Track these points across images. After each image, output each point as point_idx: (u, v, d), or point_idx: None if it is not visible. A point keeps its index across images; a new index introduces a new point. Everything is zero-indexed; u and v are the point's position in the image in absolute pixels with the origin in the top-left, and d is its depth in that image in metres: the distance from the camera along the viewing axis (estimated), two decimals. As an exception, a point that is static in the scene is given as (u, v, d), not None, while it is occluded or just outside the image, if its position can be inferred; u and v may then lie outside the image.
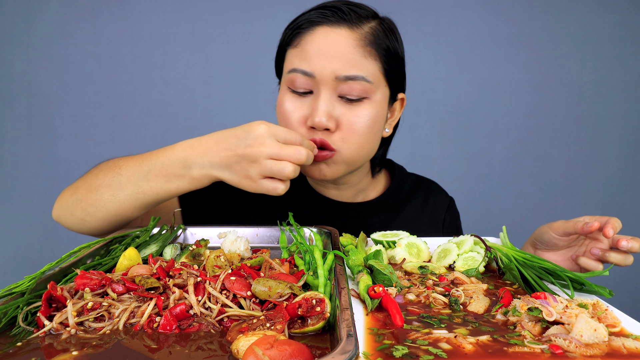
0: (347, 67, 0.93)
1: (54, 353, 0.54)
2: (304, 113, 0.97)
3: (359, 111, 0.96)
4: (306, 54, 0.95)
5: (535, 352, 0.52)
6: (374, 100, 0.98)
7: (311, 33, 0.96)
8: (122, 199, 0.91)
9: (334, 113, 0.95)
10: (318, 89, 0.95)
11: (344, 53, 0.93)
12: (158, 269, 0.72)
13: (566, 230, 0.89)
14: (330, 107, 0.95)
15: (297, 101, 0.98)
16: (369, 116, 0.97)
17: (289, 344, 0.49)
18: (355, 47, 0.94)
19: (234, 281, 0.66)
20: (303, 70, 0.95)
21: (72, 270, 0.74)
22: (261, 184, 0.84)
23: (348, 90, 0.94)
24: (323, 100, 0.94)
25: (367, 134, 0.99)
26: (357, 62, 0.94)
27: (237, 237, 0.88)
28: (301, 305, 0.59)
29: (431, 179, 1.35)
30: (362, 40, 0.95)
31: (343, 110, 0.96)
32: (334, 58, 0.93)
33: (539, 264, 0.77)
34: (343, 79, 0.94)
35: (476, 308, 0.66)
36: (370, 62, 0.96)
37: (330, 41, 0.94)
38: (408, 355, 0.51)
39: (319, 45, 0.95)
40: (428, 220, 1.24)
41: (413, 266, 0.84)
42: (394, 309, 0.62)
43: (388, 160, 1.32)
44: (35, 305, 0.63)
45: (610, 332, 0.58)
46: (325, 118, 0.94)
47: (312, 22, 0.97)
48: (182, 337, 0.58)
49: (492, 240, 0.94)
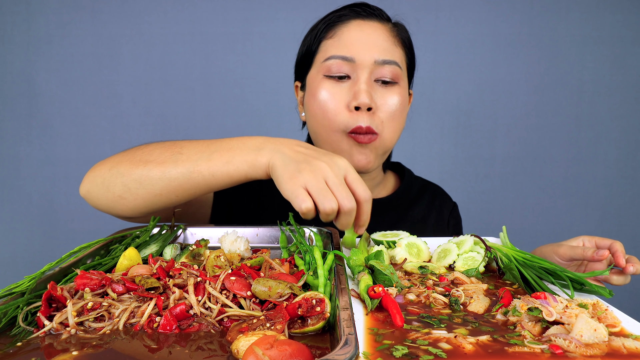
0: (383, 52, 1.04)
1: (54, 353, 0.54)
2: (344, 98, 1.03)
3: (392, 94, 1.05)
4: (344, 42, 1.05)
5: (535, 352, 0.52)
6: (402, 87, 1.08)
7: (346, 25, 1.06)
8: (173, 176, 0.84)
9: (373, 94, 1.03)
10: (356, 74, 1.03)
11: (379, 41, 1.04)
12: (158, 269, 0.72)
13: (573, 256, 0.90)
14: (371, 88, 1.03)
15: (337, 86, 1.04)
16: (400, 100, 1.06)
17: (289, 344, 0.49)
18: (387, 36, 1.07)
19: (234, 281, 0.66)
20: (343, 56, 1.03)
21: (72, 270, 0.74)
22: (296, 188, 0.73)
23: (384, 73, 1.04)
24: (364, 82, 1.02)
25: (400, 117, 1.08)
26: (390, 49, 1.05)
27: (237, 237, 0.88)
28: (301, 305, 0.59)
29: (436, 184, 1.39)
30: (391, 32, 1.08)
31: (380, 92, 1.05)
32: (372, 45, 1.03)
33: (539, 264, 0.77)
34: (381, 62, 1.03)
35: (476, 308, 0.66)
36: (399, 51, 1.08)
37: (367, 30, 1.05)
38: (408, 355, 0.51)
39: (356, 34, 1.05)
40: (434, 221, 1.28)
41: (413, 266, 0.84)
42: (394, 309, 0.62)
43: (397, 163, 1.38)
44: (35, 305, 0.63)
45: (610, 332, 0.58)
46: (368, 98, 1.01)
47: (345, 16, 1.08)
48: (182, 337, 0.58)
49: (492, 240, 0.94)
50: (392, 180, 1.34)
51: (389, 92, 1.05)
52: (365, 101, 1.00)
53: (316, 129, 1.08)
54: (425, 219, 1.27)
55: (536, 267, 0.76)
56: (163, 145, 0.90)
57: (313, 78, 1.08)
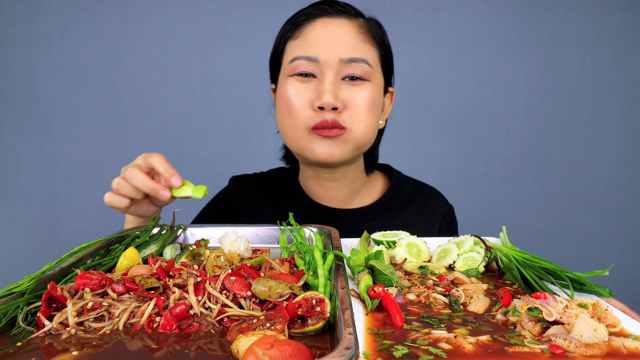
0: (350, 50, 1.01)
1: (54, 353, 0.54)
2: (309, 97, 1.02)
3: (362, 91, 1.03)
4: (309, 42, 1.02)
5: (535, 352, 0.52)
6: (375, 84, 1.05)
7: (311, 24, 1.04)
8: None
9: (340, 93, 1.01)
10: (322, 74, 1.01)
11: (345, 38, 1.01)
12: (158, 269, 0.72)
13: None
14: (336, 87, 1.00)
15: (302, 85, 1.03)
16: (370, 96, 1.03)
17: (289, 344, 0.49)
18: (355, 33, 1.03)
19: (234, 281, 0.66)
20: (307, 56, 1.02)
21: (72, 270, 0.74)
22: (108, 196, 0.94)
23: (352, 71, 1.01)
24: (328, 82, 1.00)
25: (371, 113, 1.04)
26: (358, 46, 1.02)
27: (237, 237, 0.88)
28: (301, 305, 0.59)
29: (432, 186, 1.33)
30: (360, 28, 1.04)
31: (348, 91, 1.02)
32: (337, 43, 1.01)
33: (539, 264, 0.77)
34: (347, 61, 1.01)
35: (476, 308, 0.66)
36: (369, 47, 1.04)
37: (333, 28, 1.02)
38: (408, 355, 0.51)
39: (320, 33, 1.02)
40: (424, 227, 1.23)
41: (413, 266, 0.84)
42: (394, 309, 0.62)
43: (386, 166, 1.33)
44: (35, 305, 0.63)
45: (610, 332, 0.58)
46: (332, 97, 0.99)
47: (311, 15, 1.05)
48: (182, 337, 0.58)
49: (492, 240, 0.94)
50: (380, 185, 1.28)
51: (359, 89, 1.02)
52: (329, 101, 0.98)
53: (282, 128, 1.09)
54: (413, 225, 1.21)
55: (536, 267, 0.76)
56: None
57: (281, 79, 1.08)
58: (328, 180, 1.18)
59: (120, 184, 0.91)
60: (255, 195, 1.26)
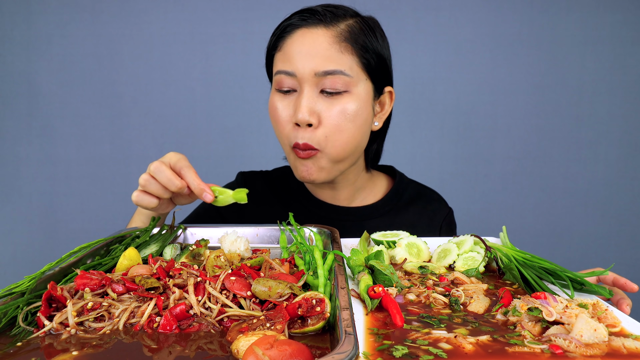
0: (324, 62, 0.98)
1: (54, 353, 0.54)
2: (290, 112, 1.02)
3: (339, 104, 1.00)
4: (288, 56, 1.01)
5: (535, 352, 0.52)
6: (355, 93, 1.02)
7: (291, 36, 1.02)
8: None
9: (315, 108, 1.00)
10: (301, 87, 1.00)
11: (320, 50, 0.99)
12: (158, 269, 0.72)
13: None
14: (312, 102, 1.00)
15: (284, 101, 1.04)
16: (350, 109, 1.01)
17: (289, 344, 0.49)
18: (331, 43, 0.99)
19: (234, 281, 0.66)
20: (285, 70, 1.01)
21: (72, 270, 0.74)
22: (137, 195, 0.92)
23: (328, 84, 0.99)
24: (305, 97, 0.99)
25: (349, 128, 1.02)
26: (334, 57, 0.99)
27: (237, 237, 0.88)
28: (301, 305, 0.59)
29: (433, 189, 1.35)
30: (337, 37, 1.00)
31: (324, 105, 1.00)
32: (312, 56, 0.98)
33: (539, 264, 0.77)
34: (322, 74, 0.98)
35: (476, 308, 0.66)
36: (347, 56, 1.00)
37: (308, 41, 1.00)
38: (408, 355, 0.51)
39: (297, 46, 1.00)
40: (425, 228, 1.24)
41: (413, 266, 0.84)
42: (394, 309, 0.62)
43: (390, 167, 1.34)
44: (35, 305, 0.63)
45: (610, 332, 0.58)
46: (307, 114, 0.98)
47: (292, 26, 1.03)
48: (182, 337, 0.58)
49: (492, 240, 0.94)
50: (383, 185, 1.29)
51: (335, 103, 1.00)
52: (303, 118, 0.98)
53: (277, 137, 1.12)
54: (415, 226, 1.22)
55: (536, 267, 0.76)
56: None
57: (272, 89, 1.09)
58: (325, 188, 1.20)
59: (148, 181, 0.88)
60: (262, 192, 1.27)
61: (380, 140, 1.22)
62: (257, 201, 1.24)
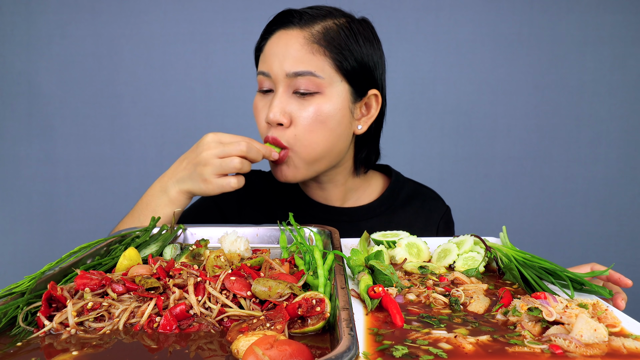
0: (295, 64, 1.00)
1: (54, 353, 0.54)
2: (265, 111, 1.06)
3: (310, 105, 1.02)
4: (265, 57, 1.06)
5: (535, 352, 0.52)
6: (327, 94, 1.02)
7: (271, 38, 1.06)
8: None
9: (287, 108, 1.02)
10: (275, 88, 1.04)
11: (291, 51, 1.01)
12: (158, 269, 0.72)
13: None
14: (283, 103, 1.02)
15: (263, 100, 1.08)
16: (320, 110, 1.02)
17: (289, 344, 0.49)
18: (302, 45, 1.01)
19: (234, 281, 0.66)
20: (262, 71, 1.05)
21: (72, 270, 0.74)
22: (215, 182, 0.95)
23: (299, 85, 1.01)
24: (277, 97, 1.03)
25: (319, 129, 1.03)
26: (304, 58, 1.00)
27: (237, 237, 0.88)
28: (301, 305, 0.59)
29: (430, 187, 1.34)
30: (310, 39, 1.01)
31: (296, 105, 1.02)
32: (284, 57, 1.01)
33: (539, 264, 0.77)
34: (292, 75, 1.01)
35: (476, 308, 0.66)
36: (319, 58, 1.01)
37: (282, 43, 1.03)
38: (408, 355, 0.51)
39: (273, 48, 1.04)
40: (422, 226, 1.23)
41: (413, 266, 0.84)
42: (394, 309, 0.62)
43: (385, 166, 1.33)
44: (35, 305, 0.63)
45: (610, 332, 0.58)
46: (279, 113, 1.01)
47: (271, 29, 1.07)
48: (182, 337, 0.58)
49: (492, 240, 0.94)
50: (379, 185, 1.28)
51: (307, 103, 1.01)
52: (274, 117, 1.01)
53: None
54: (412, 225, 1.21)
55: (536, 267, 0.76)
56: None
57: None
58: (319, 182, 1.20)
59: (250, 146, 0.95)
60: (263, 190, 1.28)
61: (371, 145, 1.18)
62: (256, 199, 1.24)
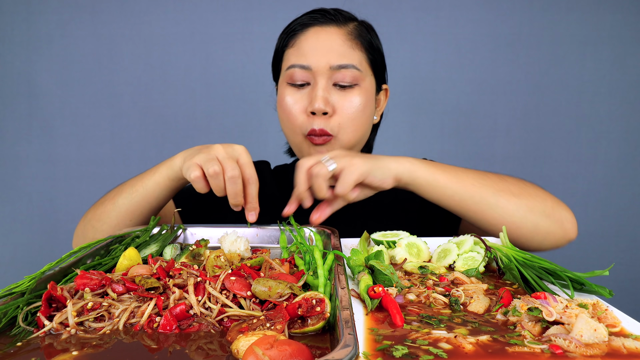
0: (339, 57, 1.08)
1: (54, 353, 0.54)
2: (304, 103, 1.10)
3: (351, 96, 1.10)
4: (302, 51, 1.10)
5: (535, 352, 0.52)
6: (364, 87, 1.11)
7: (304, 33, 1.11)
8: (120, 203, 1.02)
9: (330, 99, 1.08)
10: (315, 80, 1.08)
11: (334, 46, 1.08)
12: (158, 269, 0.72)
13: None
14: (327, 93, 1.08)
15: (297, 94, 1.11)
16: (360, 101, 1.10)
17: (289, 344, 0.49)
18: (344, 40, 1.10)
19: (234, 281, 0.66)
20: (301, 64, 1.09)
21: (72, 270, 0.74)
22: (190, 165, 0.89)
23: (341, 77, 1.08)
24: (320, 88, 1.07)
25: (360, 117, 1.11)
26: (346, 53, 1.09)
27: (237, 237, 0.88)
28: (301, 305, 0.59)
29: None
30: (349, 35, 1.11)
31: (338, 96, 1.09)
32: (327, 51, 1.08)
33: (539, 264, 0.77)
34: (336, 67, 1.07)
35: (476, 308, 0.66)
36: (357, 53, 1.11)
37: (323, 38, 1.09)
38: (408, 355, 0.51)
39: (312, 43, 1.09)
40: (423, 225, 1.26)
41: (413, 266, 0.84)
42: (394, 309, 0.62)
43: None
44: (35, 305, 0.63)
45: (610, 332, 0.58)
46: (323, 103, 1.06)
47: (304, 25, 1.12)
48: (182, 337, 0.58)
49: (492, 240, 0.94)
50: None
51: (348, 95, 1.09)
52: (319, 107, 1.06)
53: (285, 131, 1.19)
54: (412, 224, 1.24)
55: (536, 267, 0.76)
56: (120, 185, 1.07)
57: (280, 85, 1.16)
58: None
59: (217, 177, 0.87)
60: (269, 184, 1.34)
61: (373, 134, 1.31)
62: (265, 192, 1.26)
